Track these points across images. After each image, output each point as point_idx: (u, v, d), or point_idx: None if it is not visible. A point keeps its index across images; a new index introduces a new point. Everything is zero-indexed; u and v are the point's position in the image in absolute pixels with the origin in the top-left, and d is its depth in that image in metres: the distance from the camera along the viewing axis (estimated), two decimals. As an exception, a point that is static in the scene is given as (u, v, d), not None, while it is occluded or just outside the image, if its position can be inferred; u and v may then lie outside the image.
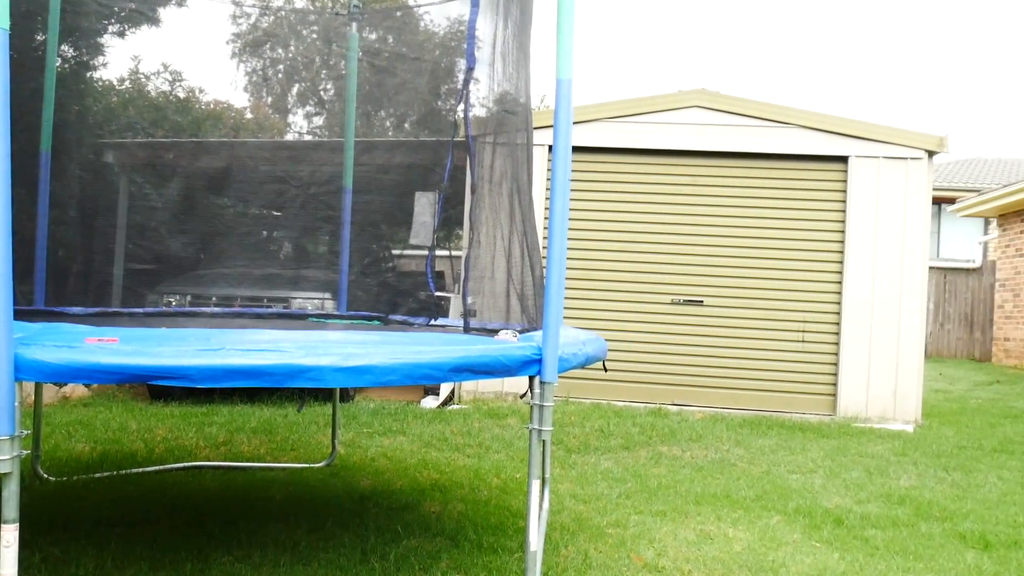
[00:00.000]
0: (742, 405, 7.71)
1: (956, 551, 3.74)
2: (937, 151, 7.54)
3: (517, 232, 3.35)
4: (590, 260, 7.99)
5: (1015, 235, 14.74)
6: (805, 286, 7.73)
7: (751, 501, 4.48)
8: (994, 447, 6.26)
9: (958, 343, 16.52)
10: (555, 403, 6.57)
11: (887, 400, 7.47)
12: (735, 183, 7.89)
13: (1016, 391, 10.67)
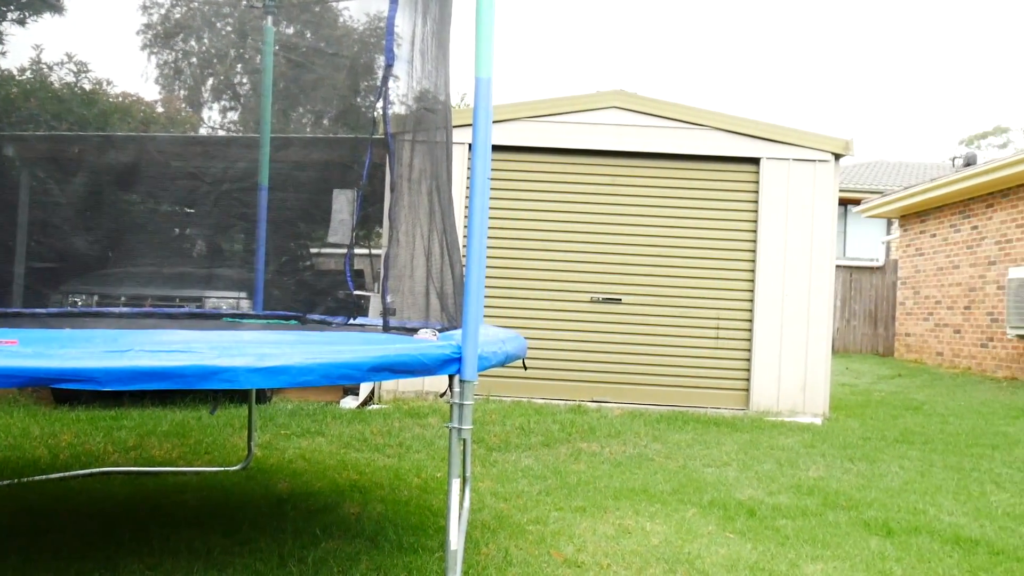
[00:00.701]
0: (660, 401, 7.86)
1: (861, 538, 3.89)
2: (843, 154, 7.83)
3: (437, 230, 3.34)
4: (510, 259, 8.02)
5: (915, 235, 15.43)
6: (719, 284, 7.93)
7: (668, 495, 4.57)
8: (896, 438, 6.54)
9: (863, 338, 17.20)
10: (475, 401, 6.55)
11: (797, 394, 7.72)
12: (652, 183, 8.03)
13: (916, 384, 11.18)
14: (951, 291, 13.94)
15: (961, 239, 13.74)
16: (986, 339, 12.79)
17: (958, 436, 6.65)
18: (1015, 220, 12.21)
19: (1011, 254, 12.23)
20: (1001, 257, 12.49)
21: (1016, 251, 12.11)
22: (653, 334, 7.95)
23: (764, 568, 3.45)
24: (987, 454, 5.92)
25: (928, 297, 14.73)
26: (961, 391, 10.25)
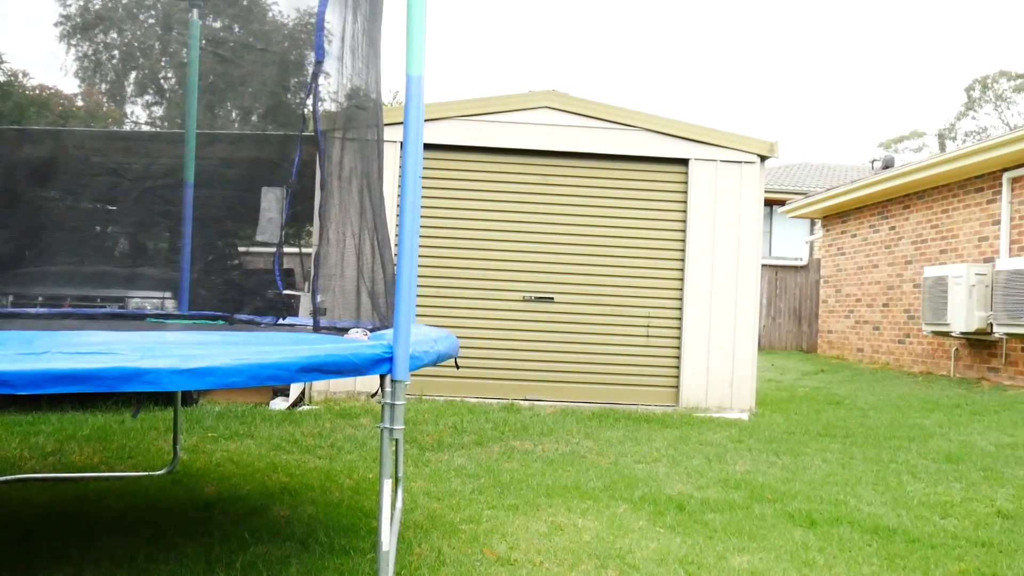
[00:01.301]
0: (592, 399, 7.94)
1: (786, 530, 4.00)
2: (769, 156, 8.03)
3: (368, 229, 3.31)
4: (443, 258, 8.00)
5: (836, 235, 15.92)
6: (650, 283, 8.05)
7: (600, 491, 4.62)
8: (819, 431, 6.73)
9: (788, 335, 17.67)
10: (408, 401, 6.50)
11: (725, 390, 7.89)
12: (584, 183, 8.11)
13: (838, 379, 11.53)
14: (871, 289, 14.43)
15: (880, 239, 14.23)
16: (903, 335, 13.28)
17: (877, 429, 6.88)
18: (930, 221, 12.70)
19: (926, 254, 12.72)
20: (917, 257, 12.98)
21: (931, 251, 12.60)
22: (585, 332, 8.03)
23: (693, 561, 3.51)
24: (904, 446, 6.14)
25: (849, 295, 15.22)
26: (880, 386, 10.62)
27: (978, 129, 48.77)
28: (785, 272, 17.79)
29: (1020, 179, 10.61)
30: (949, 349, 11.97)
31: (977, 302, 10.55)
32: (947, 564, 3.56)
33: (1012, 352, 10.64)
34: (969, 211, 11.70)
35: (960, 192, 11.92)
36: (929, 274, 11.44)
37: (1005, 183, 10.80)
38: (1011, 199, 10.76)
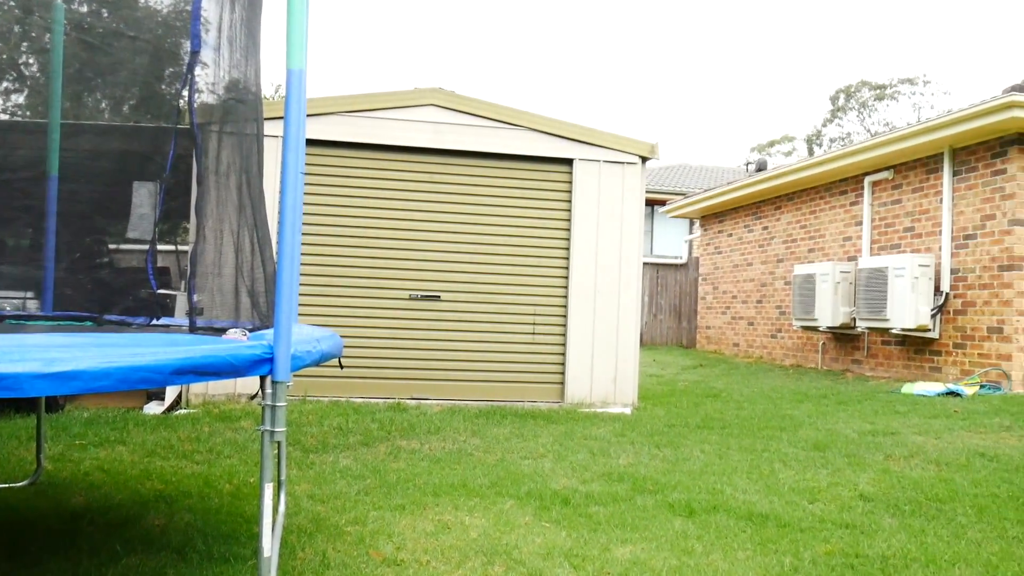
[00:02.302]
0: (479, 396, 7.96)
1: (666, 520, 4.12)
2: (650, 157, 8.25)
3: (247, 226, 3.21)
4: (326, 256, 7.86)
5: (714, 234, 16.53)
6: (536, 281, 8.14)
7: (486, 488, 4.64)
8: (698, 424, 6.97)
9: (669, 331, 18.23)
10: (290, 402, 6.34)
11: (609, 386, 8.07)
12: (471, 181, 8.12)
13: (715, 373, 11.98)
14: (745, 286, 15.06)
15: (754, 238, 14.86)
16: (776, 330, 13.92)
17: (752, 420, 7.18)
18: (799, 221, 13.36)
19: (796, 252, 13.37)
20: (787, 255, 13.63)
21: (800, 250, 13.26)
22: (472, 331, 8.05)
23: (578, 554, 3.58)
24: (776, 435, 6.43)
25: (726, 292, 15.83)
26: (754, 378, 11.09)
27: (842, 135, 51.62)
28: (666, 270, 18.34)
29: (880, 183, 11.30)
30: (817, 343, 12.63)
31: (842, 298, 11.17)
32: (815, 546, 3.75)
33: (873, 345, 11.32)
34: (834, 212, 12.37)
35: (826, 194, 12.59)
36: (798, 272, 12.04)
37: (867, 186, 11.48)
38: (872, 201, 11.44)
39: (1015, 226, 9.01)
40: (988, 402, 8.00)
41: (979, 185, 9.49)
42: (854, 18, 76.33)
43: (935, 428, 6.70)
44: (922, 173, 10.47)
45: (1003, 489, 4.76)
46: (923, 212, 10.42)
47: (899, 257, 9.98)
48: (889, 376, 10.78)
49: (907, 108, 51.13)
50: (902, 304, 9.79)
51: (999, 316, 9.12)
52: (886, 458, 5.61)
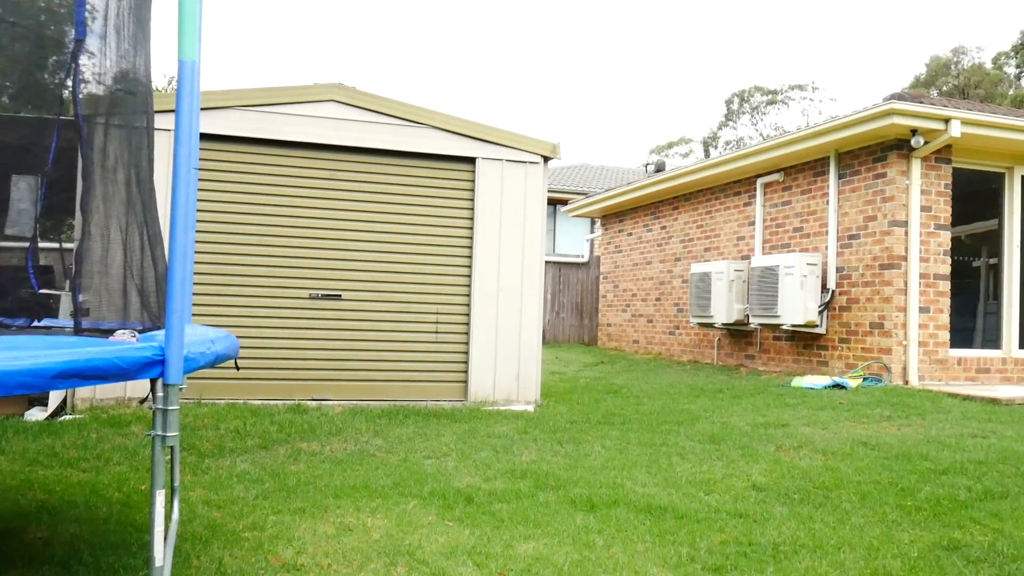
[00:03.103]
0: (382, 396, 7.89)
1: (568, 515, 4.17)
2: (552, 156, 8.34)
3: (137, 223, 3.08)
4: (222, 254, 7.63)
5: (614, 234, 16.84)
6: (439, 279, 8.11)
7: (389, 489, 4.60)
8: (599, 420, 7.09)
9: (571, 329, 18.47)
10: (185, 406, 6.13)
11: (512, 384, 8.12)
12: (373, 179, 8.02)
13: (616, 369, 12.20)
14: (645, 285, 15.40)
15: (653, 238, 15.21)
16: (674, 327, 14.28)
17: (651, 415, 7.35)
18: (695, 221, 13.75)
19: (692, 251, 13.75)
20: (685, 254, 14.01)
21: (696, 249, 13.64)
22: (374, 330, 7.96)
23: (481, 551, 3.58)
24: (674, 430, 6.60)
25: (626, 290, 16.15)
26: (653, 374, 11.35)
27: (736, 139, 53.44)
28: (568, 269, 18.58)
29: (771, 184, 11.73)
30: (713, 339, 13.02)
31: (736, 296, 11.55)
32: (710, 536, 3.87)
33: (765, 341, 11.75)
34: (729, 213, 12.78)
35: (721, 195, 13.00)
36: (695, 270, 12.39)
37: (759, 188, 11.91)
38: (764, 202, 11.87)
39: (894, 227, 9.51)
40: (870, 394, 8.42)
41: (862, 188, 9.97)
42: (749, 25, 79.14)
43: (822, 419, 7.00)
44: (810, 176, 10.93)
45: (884, 476, 5.02)
46: (811, 213, 10.88)
47: (789, 256, 10.39)
48: (780, 370, 11.22)
49: (797, 113, 53.36)
50: (792, 301, 10.20)
51: (880, 312, 9.61)
52: (777, 449, 5.83)
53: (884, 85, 70.76)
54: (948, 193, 9.66)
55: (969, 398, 8.24)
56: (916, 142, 9.28)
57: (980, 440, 6.09)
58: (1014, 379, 9.95)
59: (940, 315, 9.57)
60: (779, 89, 52.51)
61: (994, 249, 10.50)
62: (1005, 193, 10.27)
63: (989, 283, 10.71)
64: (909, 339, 9.41)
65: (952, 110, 9.18)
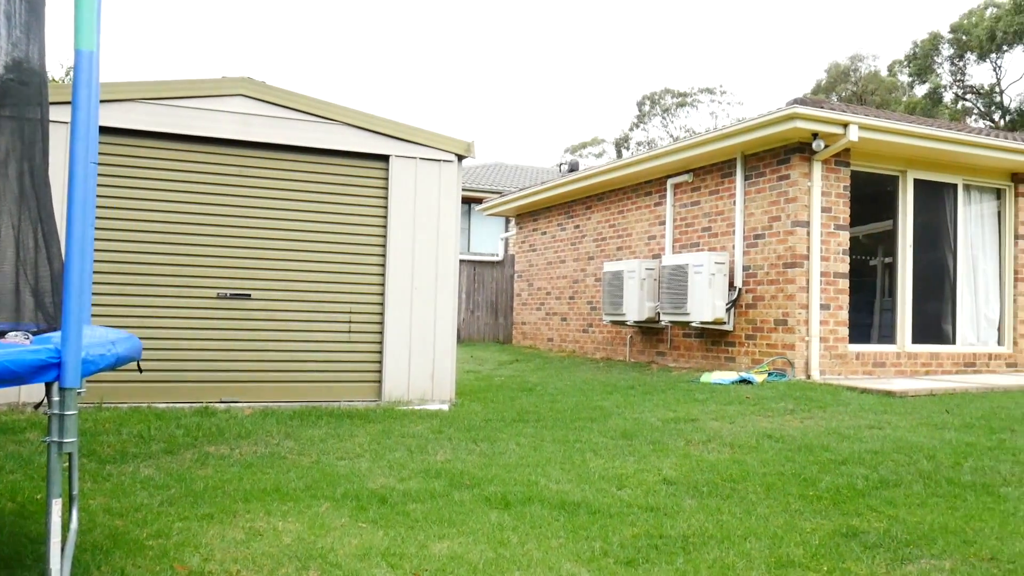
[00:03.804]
0: (293, 397, 7.74)
1: (483, 513, 4.18)
2: (466, 155, 8.33)
3: (30, 219, 2.94)
4: (124, 252, 7.35)
5: (528, 232, 16.95)
6: (352, 278, 8.00)
7: (301, 491, 4.52)
8: (514, 417, 7.13)
9: (486, 328, 18.50)
10: (83, 410, 5.89)
11: (426, 383, 8.08)
12: (283, 176, 7.86)
13: (531, 367, 12.29)
14: (559, 283, 15.55)
15: (566, 236, 15.37)
16: (587, 325, 14.47)
17: (564, 412, 7.43)
18: (608, 221, 13.96)
19: (605, 250, 13.96)
20: (598, 253, 14.20)
21: (609, 248, 13.85)
22: (285, 330, 7.80)
23: (395, 552, 3.55)
24: (587, 426, 6.69)
25: (540, 289, 16.27)
26: (567, 372, 11.47)
27: (647, 140, 54.48)
28: (483, 267, 18.60)
29: (680, 185, 12.01)
30: (625, 336, 13.25)
31: (647, 294, 11.78)
32: (622, 530, 3.93)
33: (675, 338, 12.02)
34: (640, 212, 13.02)
35: (633, 195, 13.23)
36: (608, 269, 12.57)
37: (669, 188, 12.17)
38: (674, 202, 12.14)
39: (797, 227, 9.86)
40: (775, 388, 8.71)
41: (767, 189, 10.31)
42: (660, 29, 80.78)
43: (730, 414, 7.21)
44: (718, 177, 11.23)
45: (787, 467, 5.20)
46: (719, 213, 11.18)
47: (698, 255, 10.65)
48: (690, 366, 11.50)
49: (706, 116, 54.74)
50: (701, 299, 10.46)
51: (784, 309, 9.95)
52: (687, 443, 5.98)
53: (788, 90, 73.35)
54: (847, 195, 10.07)
55: (866, 391, 8.61)
56: (817, 145, 9.64)
57: (876, 431, 6.38)
58: (907, 372, 10.45)
59: (840, 312, 9.97)
60: (689, 92, 53.80)
61: (889, 249, 11.00)
62: (899, 195, 10.77)
63: (885, 281, 11.23)
64: (811, 335, 9.78)
65: (850, 115, 9.58)
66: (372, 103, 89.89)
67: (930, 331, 10.98)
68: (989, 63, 42.02)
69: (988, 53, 40.78)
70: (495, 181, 25.37)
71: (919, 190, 10.88)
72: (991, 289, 11.46)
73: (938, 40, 42.72)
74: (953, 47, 42.39)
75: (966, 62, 42.62)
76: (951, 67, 43.21)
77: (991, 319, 11.44)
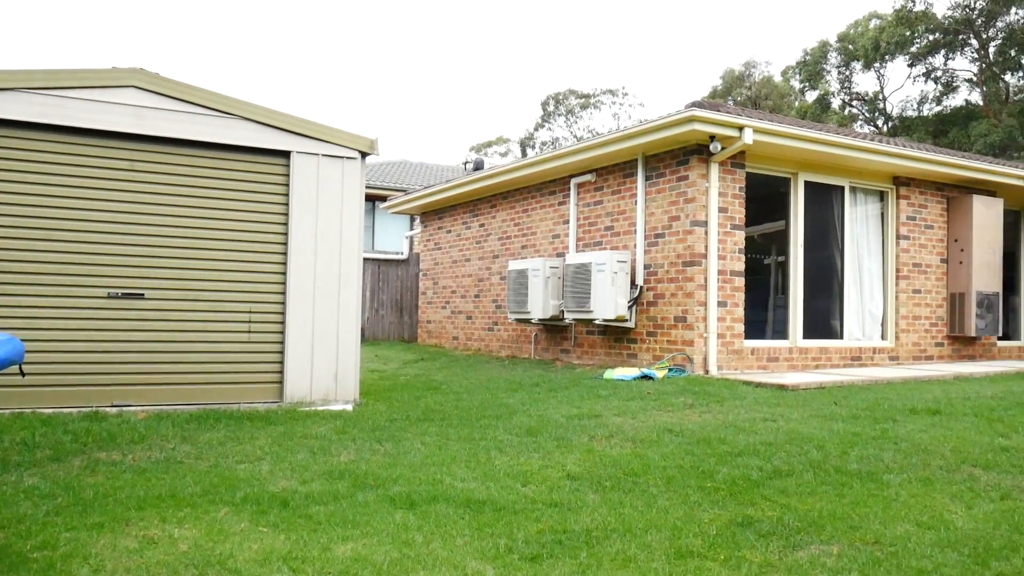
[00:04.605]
0: (190, 400, 7.49)
1: (388, 513, 4.14)
2: (370, 152, 8.23)
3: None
4: (3, 250, 6.97)
5: (433, 231, 16.89)
6: (252, 277, 7.80)
7: (198, 497, 4.38)
8: (419, 416, 7.09)
9: (391, 327, 18.34)
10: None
11: (330, 383, 7.95)
12: (179, 171, 7.59)
13: (436, 366, 12.24)
14: (464, 281, 15.55)
15: (472, 235, 15.38)
16: (492, 323, 14.52)
17: (470, 410, 7.43)
18: (513, 219, 14.04)
19: (510, 249, 14.03)
20: (503, 252, 14.27)
21: (514, 246, 13.94)
22: (181, 330, 7.54)
23: (297, 556, 3.49)
24: (493, 424, 6.71)
25: (445, 287, 16.24)
26: (473, 370, 11.48)
27: (552, 139, 55.06)
28: (387, 266, 18.43)
29: (584, 184, 12.18)
30: (530, 334, 13.36)
31: (552, 292, 11.90)
32: (527, 526, 3.96)
33: (579, 335, 12.19)
34: (545, 211, 13.15)
35: (538, 194, 13.35)
36: (513, 267, 12.65)
37: (572, 188, 12.33)
38: (578, 202, 12.31)
39: (695, 227, 10.14)
40: (675, 384, 8.94)
41: (667, 189, 10.56)
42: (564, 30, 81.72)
43: (632, 409, 7.36)
44: (620, 177, 11.44)
45: (687, 460, 5.34)
46: (621, 213, 11.40)
47: (601, 254, 10.83)
48: (594, 363, 11.68)
49: (609, 117, 55.67)
50: (604, 297, 10.64)
51: (683, 306, 10.22)
52: (590, 439, 6.07)
53: (687, 93, 75.33)
54: (742, 196, 10.42)
55: (761, 385, 8.93)
56: (714, 147, 9.94)
57: (770, 423, 6.62)
58: (799, 366, 10.89)
59: (736, 309, 10.31)
60: (592, 93, 54.62)
61: (782, 248, 11.44)
62: (791, 197, 11.21)
63: (778, 279, 11.66)
64: (709, 331, 10.07)
65: (745, 119, 9.91)
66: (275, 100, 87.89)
67: (820, 327, 11.47)
68: (873, 72, 44.21)
69: (872, 62, 42.89)
70: (400, 179, 25.16)
71: (809, 192, 11.35)
72: (875, 287, 12.06)
73: (827, 48, 44.68)
74: (840, 55, 44.43)
75: (852, 70, 44.74)
76: (839, 75, 45.27)
77: (875, 315, 12.04)
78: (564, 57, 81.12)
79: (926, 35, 39.75)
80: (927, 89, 49.31)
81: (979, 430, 6.37)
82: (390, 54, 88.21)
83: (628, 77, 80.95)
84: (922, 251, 12.30)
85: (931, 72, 41.65)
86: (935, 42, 39.94)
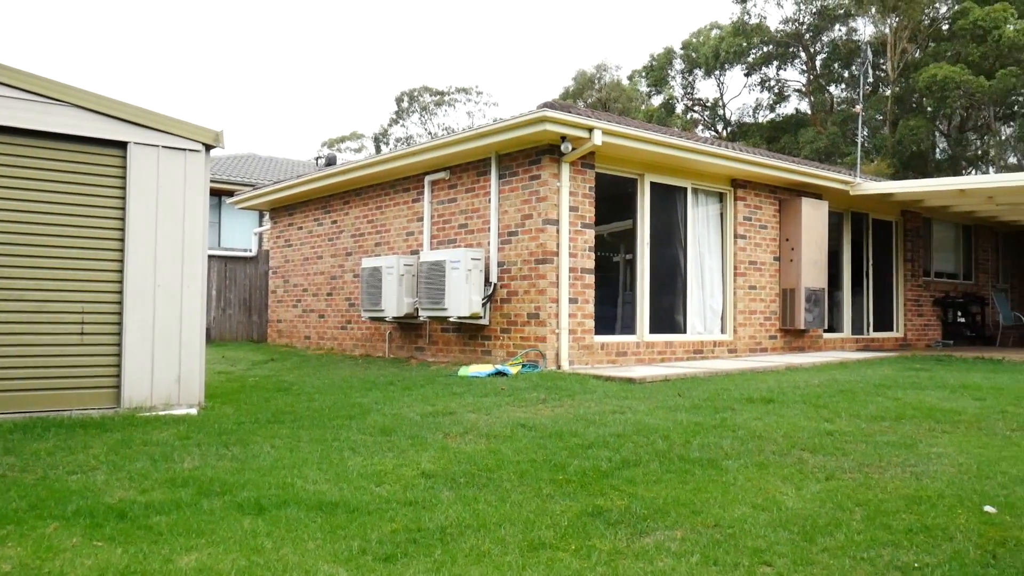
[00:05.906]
0: (15, 408, 6.94)
1: (235, 520, 3.99)
2: (215, 145, 7.89)
3: None
4: None
5: (284, 227, 16.41)
6: (85, 275, 7.32)
7: (24, 512, 4.07)
8: (269, 419, 6.87)
9: (239, 326, 17.69)
10: None
11: (171, 386, 7.57)
12: (1, 162, 7.01)
13: (287, 366, 11.91)
14: (316, 279, 15.20)
15: (324, 232, 15.06)
16: (346, 322, 14.27)
17: (323, 411, 7.28)
18: (367, 216, 13.85)
19: (364, 246, 13.84)
20: (356, 249, 14.05)
21: (368, 244, 13.75)
22: (4, 332, 6.97)
23: (136, 570, 3.31)
24: (346, 424, 6.60)
25: (297, 285, 15.82)
26: (326, 370, 11.25)
27: (406, 136, 54.73)
28: (235, 263, 17.76)
29: (438, 182, 12.17)
30: (384, 332, 13.22)
31: (406, 290, 11.83)
32: (381, 526, 3.92)
33: (433, 333, 12.18)
34: (399, 208, 13.05)
35: (392, 192, 13.22)
36: (366, 265, 12.48)
37: (427, 185, 12.30)
38: (432, 199, 12.29)
39: (548, 225, 10.35)
40: (528, 379, 9.09)
41: (520, 188, 10.72)
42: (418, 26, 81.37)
43: (486, 405, 7.42)
44: (474, 175, 11.51)
45: (540, 454, 5.45)
46: (475, 211, 11.47)
47: (455, 251, 10.86)
48: (448, 361, 11.70)
49: (463, 115, 55.91)
50: (458, 294, 10.68)
51: (536, 303, 10.41)
52: (445, 436, 6.08)
53: (540, 93, 76.77)
54: (592, 195, 10.72)
55: (610, 379, 9.22)
56: (565, 148, 10.17)
57: (619, 415, 6.85)
58: (646, 360, 11.33)
59: (587, 305, 10.60)
60: (446, 91, 54.68)
61: (630, 246, 11.85)
62: (638, 197, 11.64)
63: (626, 276, 12.07)
64: (561, 328, 10.31)
65: (595, 120, 10.19)
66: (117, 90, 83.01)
67: (665, 322, 11.98)
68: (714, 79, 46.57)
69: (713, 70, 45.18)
70: (248, 173, 24.28)
71: (655, 192, 11.82)
72: (715, 283, 12.71)
73: (672, 55, 46.68)
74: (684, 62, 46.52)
75: (695, 77, 46.95)
76: (683, 80, 47.40)
77: (716, 310, 12.69)
78: (419, 54, 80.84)
79: (761, 46, 42.28)
80: (762, 97, 52.42)
81: (807, 416, 6.84)
82: (239, 45, 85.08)
83: (482, 76, 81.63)
84: (757, 249, 13.06)
85: (765, 81, 44.34)
86: (769, 54, 42.55)
